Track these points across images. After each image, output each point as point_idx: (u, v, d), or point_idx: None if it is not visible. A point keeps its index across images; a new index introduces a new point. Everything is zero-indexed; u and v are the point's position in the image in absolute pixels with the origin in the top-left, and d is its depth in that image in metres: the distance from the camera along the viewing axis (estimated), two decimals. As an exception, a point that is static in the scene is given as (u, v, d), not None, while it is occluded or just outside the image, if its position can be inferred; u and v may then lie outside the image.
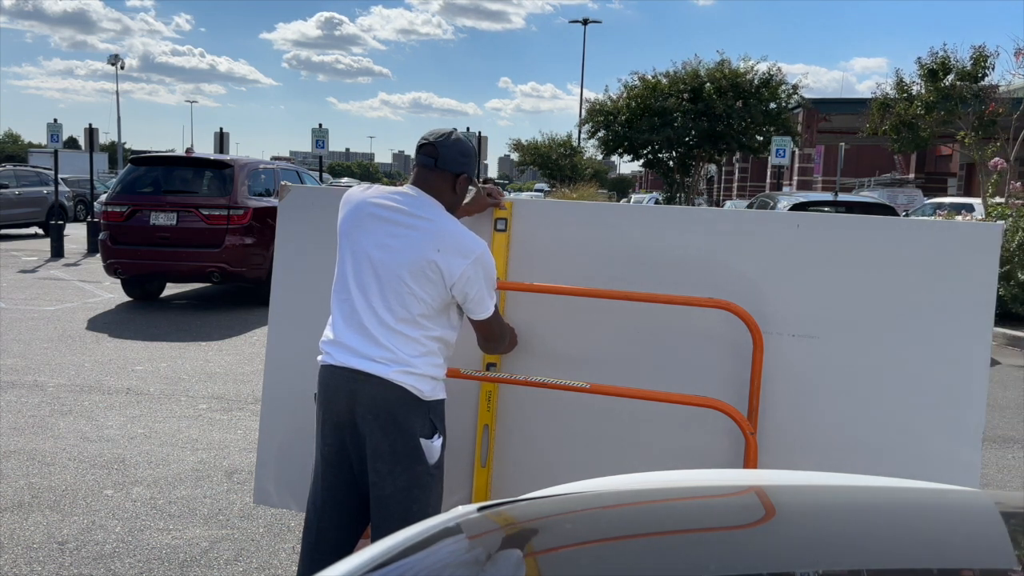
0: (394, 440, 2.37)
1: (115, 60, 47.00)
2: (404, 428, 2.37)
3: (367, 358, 2.38)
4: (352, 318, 2.43)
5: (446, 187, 2.47)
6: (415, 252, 2.36)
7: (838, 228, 2.81)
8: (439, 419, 2.47)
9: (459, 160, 2.47)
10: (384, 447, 2.38)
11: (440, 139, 2.47)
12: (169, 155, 10.86)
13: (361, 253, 2.43)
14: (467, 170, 2.49)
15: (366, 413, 2.38)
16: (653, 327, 2.91)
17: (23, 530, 3.72)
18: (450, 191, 2.47)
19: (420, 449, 2.39)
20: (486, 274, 2.40)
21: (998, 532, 1.48)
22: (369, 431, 2.39)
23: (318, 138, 16.56)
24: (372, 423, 2.38)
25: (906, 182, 28.52)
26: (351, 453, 2.46)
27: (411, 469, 2.38)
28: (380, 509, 2.41)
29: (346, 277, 2.46)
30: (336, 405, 2.44)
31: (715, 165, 33.16)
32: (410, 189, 2.47)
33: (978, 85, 17.64)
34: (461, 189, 2.50)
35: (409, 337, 2.39)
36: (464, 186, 2.51)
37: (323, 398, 2.48)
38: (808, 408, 2.79)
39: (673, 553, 1.36)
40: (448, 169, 2.46)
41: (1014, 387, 7.16)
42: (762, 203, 12.72)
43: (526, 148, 39.77)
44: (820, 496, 1.69)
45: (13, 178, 18.92)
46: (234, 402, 5.89)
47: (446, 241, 2.36)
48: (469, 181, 2.53)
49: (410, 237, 2.38)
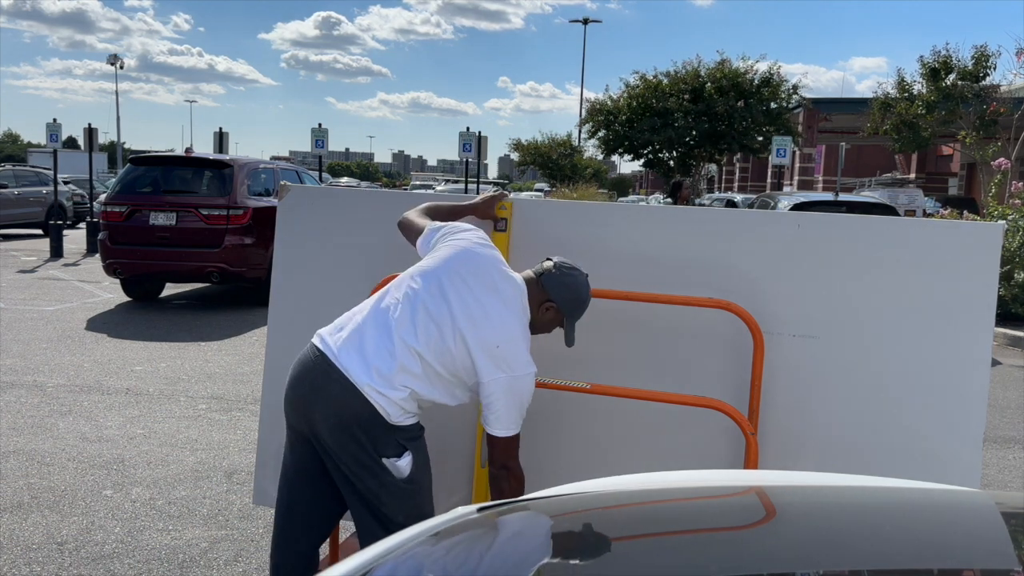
0: (354, 452, 2.27)
1: (114, 60, 47.04)
2: (364, 445, 2.26)
3: (359, 357, 2.28)
4: (384, 323, 2.32)
5: (535, 301, 2.42)
6: (480, 327, 2.29)
7: (839, 228, 2.81)
8: (411, 439, 2.33)
9: (559, 291, 2.43)
10: (346, 454, 2.28)
11: (557, 270, 2.45)
12: (168, 155, 10.84)
13: (436, 283, 2.35)
14: (558, 302, 2.43)
15: (324, 414, 2.28)
16: (653, 327, 2.90)
17: (22, 530, 3.72)
18: (536, 308, 2.43)
19: (384, 467, 2.28)
20: (520, 399, 2.31)
21: (998, 532, 1.48)
22: (329, 432, 2.28)
23: (317, 138, 16.57)
24: (334, 426, 2.27)
25: (907, 182, 28.50)
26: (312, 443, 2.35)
27: (378, 478, 2.28)
28: (352, 505, 2.34)
29: (409, 288, 2.36)
30: (297, 389, 2.34)
31: (715, 165, 33.15)
32: (521, 282, 2.43)
33: (979, 85, 17.67)
34: (545, 312, 2.44)
35: (408, 370, 2.27)
36: (547, 314, 2.44)
37: (293, 374, 2.37)
38: (809, 408, 2.78)
39: (674, 553, 1.36)
40: (545, 288, 2.43)
41: (1014, 387, 7.15)
42: (763, 203, 12.72)
43: (526, 148, 39.80)
44: (820, 496, 1.69)
45: (12, 178, 18.92)
46: (234, 402, 5.89)
47: (509, 347, 2.30)
48: (556, 314, 2.45)
49: (490, 317, 2.31)
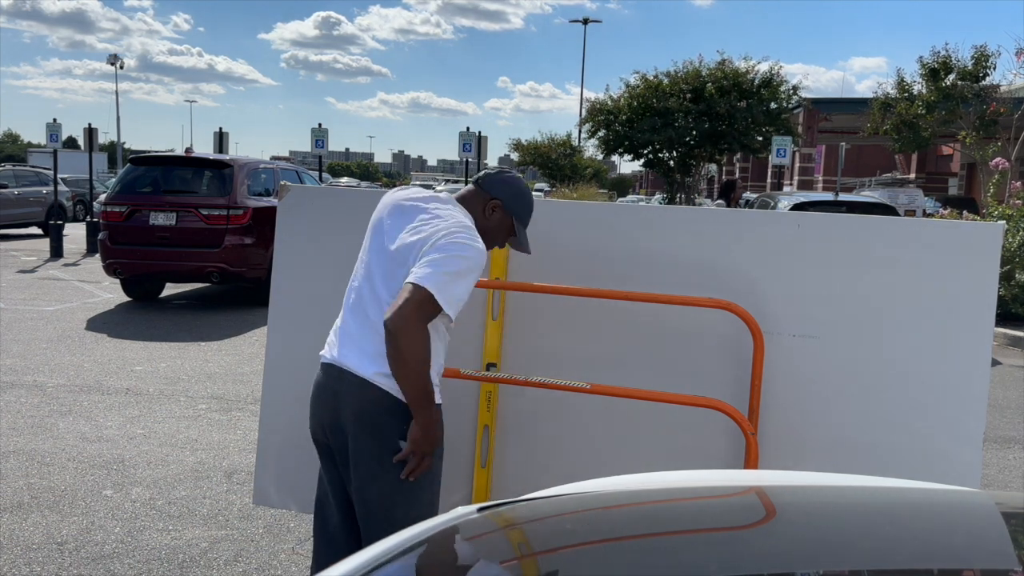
0: (374, 445, 2.31)
1: (114, 60, 47.07)
2: (385, 434, 2.30)
3: (354, 349, 2.33)
4: (357, 305, 2.38)
5: (478, 206, 2.41)
6: (421, 235, 2.24)
7: (838, 228, 2.81)
8: None
9: (500, 187, 2.42)
10: (365, 452, 2.33)
11: (495, 172, 2.46)
12: (169, 155, 10.83)
13: (378, 242, 2.37)
14: (502, 198, 2.41)
15: (349, 415, 2.33)
16: (653, 327, 2.90)
17: (22, 530, 3.72)
18: (481, 212, 2.41)
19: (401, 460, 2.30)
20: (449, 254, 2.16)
21: (998, 532, 1.48)
22: (351, 434, 2.34)
23: (317, 138, 16.57)
24: (354, 426, 2.33)
25: (907, 182, 28.50)
26: (335, 454, 2.42)
27: (394, 473, 2.31)
28: (363, 512, 2.36)
29: (360, 266, 2.42)
30: (320, 404, 2.41)
31: (715, 165, 33.14)
32: (445, 195, 2.42)
33: (979, 85, 17.65)
34: (491, 213, 2.42)
35: None
36: (494, 215, 2.42)
37: (312, 394, 2.45)
38: (809, 408, 2.79)
39: (674, 554, 1.36)
40: (485, 189, 2.42)
41: (1014, 387, 7.15)
42: (762, 203, 12.72)
43: (526, 148, 39.77)
44: (820, 496, 1.69)
45: (12, 178, 18.92)
46: (234, 402, 5.89)
47: (453, 229, 2.23)
48: (503, 214, 2.42)
49: (426, 224, 2.26)
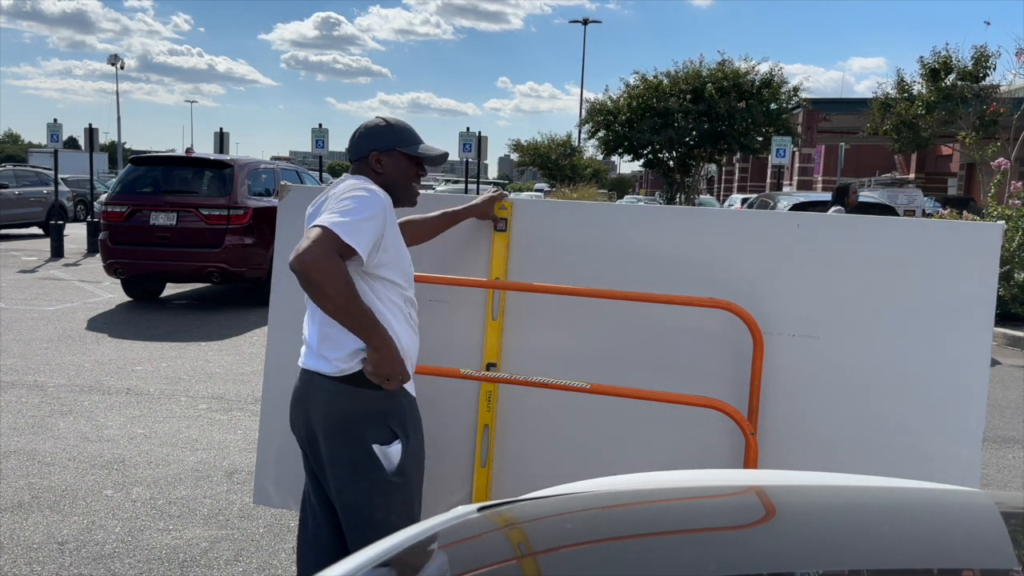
0: (346, 450, 2.28)
1: (115, 60, 47.12)
2: (355, 434, 2.27)
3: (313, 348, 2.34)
4: (311, 305, 2.38)
5: (366, 171, 2.42)
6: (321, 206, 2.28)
7: (838, 228, 2.81)
8: (399, 423, 2.32)
9: (365, 142, 2.42)
10: (340, 454, 2.29)
11: (353, 136, 2.46)
12: (169, 155, 10.84)
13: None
14: (375, 146, 2.41)
15: (320, 418, 2.31)
16: (653, 327, 2.91)
17: (23, 530, 3.72)
18: (372, 172, 2.41)
19: (376, 456, 2.28)
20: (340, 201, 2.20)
21: (998, 532, 1.48)
22: (323, 437, 2.31)
23: (318, 138, 16.58)
24: (326, 428, 2.30)
25: (906, 182, 28.47)
26: (312, 458, 2.41)
27: (369, 476, 2.28)
28: (344, 516, 2.34)
29: None
30: (294, 409, 2.41)
31: (715, 165, 33.14)
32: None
33: (979, 85, 17.65)
34: (378, 165, 2.42)
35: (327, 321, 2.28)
36: (387, 160, 2.42)
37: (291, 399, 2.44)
38: (808, 408, 2.79)
39: (673, 553, 1.36)
40: (357, 154, 2.44)
41: (1014, 387, 7.15)
42: (762, 203, 12.72)
43: (526, 148, 39.79)
44: (820, 496, 1.69)
45: (13, 178, 18.92)
46: (234, 402, 5.89)
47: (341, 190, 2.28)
48: (385, 153, 2.42)
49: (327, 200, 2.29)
